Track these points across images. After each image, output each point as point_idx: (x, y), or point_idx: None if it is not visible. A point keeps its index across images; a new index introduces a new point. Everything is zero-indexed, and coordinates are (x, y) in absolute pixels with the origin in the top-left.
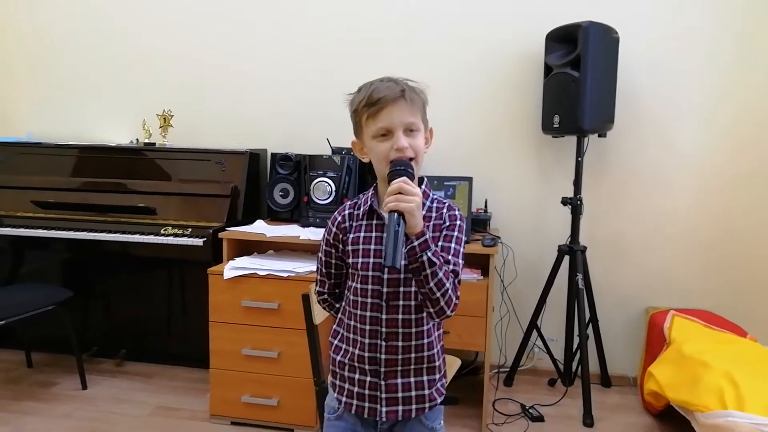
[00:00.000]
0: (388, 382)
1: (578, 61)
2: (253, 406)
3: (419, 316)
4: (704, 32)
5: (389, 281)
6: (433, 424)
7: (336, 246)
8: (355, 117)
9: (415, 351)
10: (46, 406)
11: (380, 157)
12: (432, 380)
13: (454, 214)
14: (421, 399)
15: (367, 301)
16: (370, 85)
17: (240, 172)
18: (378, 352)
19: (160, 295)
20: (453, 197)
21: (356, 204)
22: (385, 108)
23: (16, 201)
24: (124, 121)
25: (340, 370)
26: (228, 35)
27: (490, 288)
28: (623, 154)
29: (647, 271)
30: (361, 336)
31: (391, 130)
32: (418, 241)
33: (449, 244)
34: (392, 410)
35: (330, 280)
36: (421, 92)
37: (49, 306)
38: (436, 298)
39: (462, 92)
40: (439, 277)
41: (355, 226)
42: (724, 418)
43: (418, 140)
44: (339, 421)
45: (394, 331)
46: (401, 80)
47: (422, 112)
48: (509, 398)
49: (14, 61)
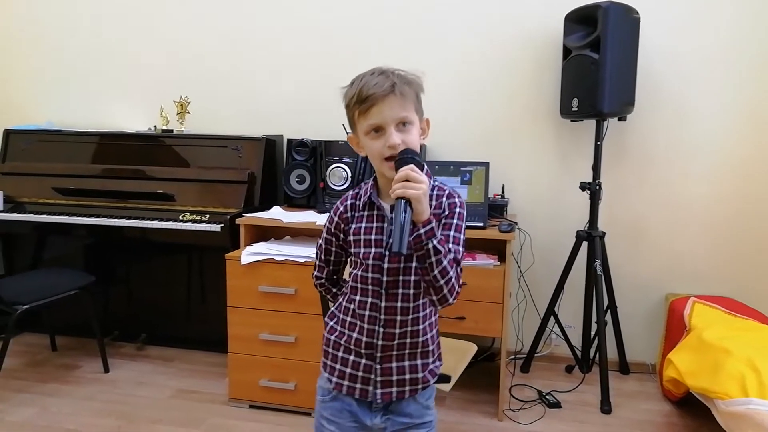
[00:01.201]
0: (383, 366)
1: (598, 42)
2: (270, 389)
3: (416, 304)
4: (727, 13)
5: (389, 270)
6: (428, 402)
7: (337, 235)
8: (348, 112)
9: (411, 336)
10: (70, 388)
11: (375, 155)
12: (425, 364)
13: (454, 202)
14: (414, 381)
15: (367, 288)
16: (361, 79)
17: (257, 159)
18: (375, 337)
19: (179, 280)
20: (470, 183)
21: (357, 194)
22: (376, 105)
23: (38, 188)
24: (142, 109)
25: (334, 351)
26: (244, 22)
27: (506, 274)
28: (643, 138)
29: (667, 257)
30: (360, 321)
31: (383, 126)
32: (424, 228)
33: (449, 232)
34: (387, 392)
35: (329, 267)
36: (414, 82)
37: (71, 291)
38: (440, 285)
39: (478, 76)
40: (444, 264)
41: (357, 216)
42: (746, 406)
43: (412, 134)
44: (334, 402)
45: (392, 318)
46: (392, 72)
47: (416, 103)
48: (526, 384)
49: (34, 50)
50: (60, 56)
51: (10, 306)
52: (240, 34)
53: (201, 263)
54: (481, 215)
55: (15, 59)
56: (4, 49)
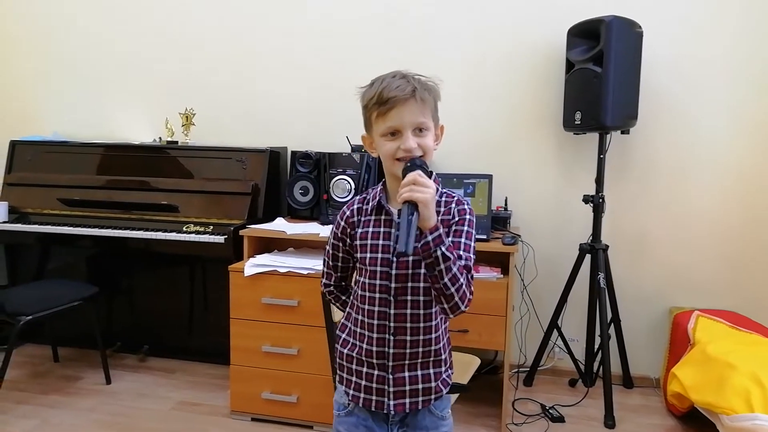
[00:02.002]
0: (396, 375)
1: (601, 56)
2: (273, 402)
3: (427, 311)
4: (730, 27)
5: (397, 276)
6: (443, 413)
7: (344, 240)
8: (365, 113)
9: (423, 345)
10: (71, 400)
11: (388, 155)
12: (438, 373)
13: (464, 209)
14: (427, 391)
15: (375, 296)
16: (381, 81)
17: (260, 170)
18: (386, 346)
19: (182, 291)
20: (473, 195)
21: (365, 199)
22: (395, 108)
23: (42, 198)
24: (147, 120)
25: (348, 364)
26: (250, 34)
27: (510, 287)
28: (646, 151)
29: (671, 270)
30: (369, 330)
31: (400, 130)
32: (432, 235)
33: (460, 239)
34: (400, 403)
35: (336, 273)
36: (433, 89)
37: (74, 302)
38: (451, 293)
39: (482, 88)
40: (453, 272)
41: (364, 221)
42: (751, 421)
43: (428, 139)
44: (350, 417)
45: (402, 325)
46: (413, 77)
47: (433, 110)
48: (529, 398)
49: (40, 61)
50: (66, 68)
51: (14, 317)
52: (245, 47)
53: (204, 275)
54: (485, 228)
55: (22, 71)
56: (11, 60)
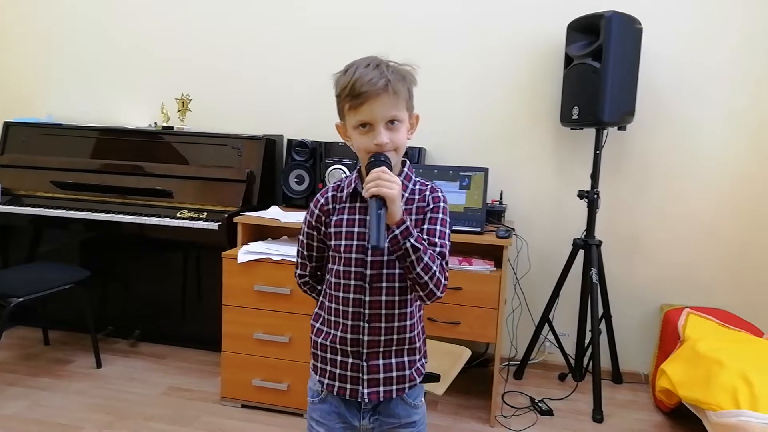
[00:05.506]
0: (370, 363)
1: (600, 51)
2: (263, 389)
3: (402, 298)
4: (730, 25)
5: (373, 263)
6: (416, 401)
7: (318, 228)
8: (338, 102)
9: (398, 332)
10: (62, 383)
11: (360, 149)
12: (412, 361)
13: (437, 196)
14: (401, 379)
15: (350, 283)
16: (354, 71)
17: (256, 158)
18: (361, 333)
19: (175, 277)
20: (468, 188)
21: (339, 186)
22: (367, 102)
23: (36, 181)
24: (142, 105)
25: (322, 353)
26: (247, 21)
27: (502, 280)
28: (643, 148)
29: (663, 268)
30: (343, 318)
31: (372, 123)
32: (399, 229)
33: (434, 227)
34: (374, 391)
35: (311, 263)
36: (408, 76)
37: (66, 285)
38: (425, 282)
39: (480, 82)
40: (425, 261)
41: (339, 208)
42: (737, 418)
43: (401, 132)
44: (323, 404)
45: (377, 312)
46: (386, 66)
47: (407, 99)
48: (519, 391)
49: (35, 43)
50: (62, 50)
51: (4, 299)
52: (243, 33)
53: (197, 261)
54: (479, 220)
55: (17, 52)
56: (5, 42)
